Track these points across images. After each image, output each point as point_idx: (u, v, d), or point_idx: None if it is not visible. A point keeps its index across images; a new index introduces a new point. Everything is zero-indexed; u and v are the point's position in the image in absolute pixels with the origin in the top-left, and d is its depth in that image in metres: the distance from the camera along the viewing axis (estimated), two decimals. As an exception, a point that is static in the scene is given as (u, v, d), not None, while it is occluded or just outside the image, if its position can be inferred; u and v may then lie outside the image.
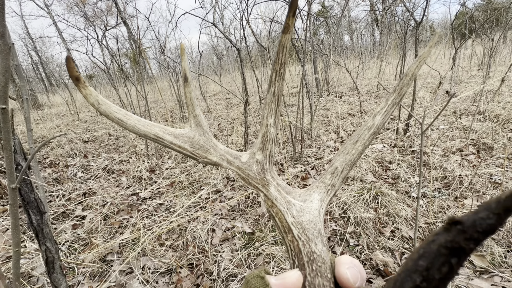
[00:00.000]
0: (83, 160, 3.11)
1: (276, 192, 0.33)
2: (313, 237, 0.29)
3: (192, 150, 0.36)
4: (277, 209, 0.32)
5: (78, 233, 1.76)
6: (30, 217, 0.74)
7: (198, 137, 0.37)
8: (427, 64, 3.89)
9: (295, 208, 0.32)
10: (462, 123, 3.02)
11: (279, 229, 0.31)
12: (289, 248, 0.29)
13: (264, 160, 0.35)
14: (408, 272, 0.14)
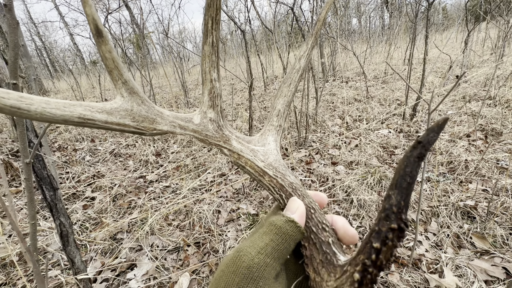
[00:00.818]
0: (90, 144, 3.16)
1: (239, 144, 0.34)
2: (284, 171, 0.34)
3: (135, 125, 0.30)
4: (245, 159, 0.33)
5: (89, 213, 1.82)
6: (44, 193, 0.77)
7: (137, 108, 0.31)
8: (438, 47, 3.76)
9: (260, 153, 0.34)
10: (471, 108, 2.96)
11: (252, 176, 0.33)
12: (270, 188, 0.32)
13: (217, 117, 0.35)
14: (402, 176, 0.21)
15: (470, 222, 1.45)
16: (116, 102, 0.30)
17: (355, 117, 3.27)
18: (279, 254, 0.25)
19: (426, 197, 1.66)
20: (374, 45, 8.38)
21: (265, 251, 0.24)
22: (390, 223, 0.20)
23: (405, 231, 0.20)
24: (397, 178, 0.21)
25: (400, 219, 0.20)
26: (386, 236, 0.21)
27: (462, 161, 1.94)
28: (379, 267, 0.21)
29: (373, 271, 0.21)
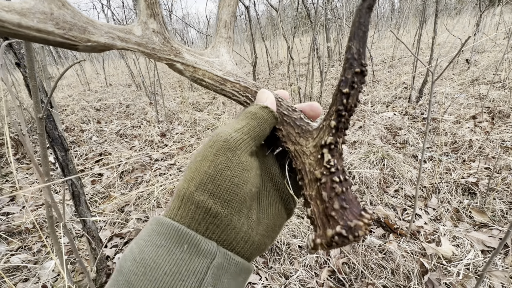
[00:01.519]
0: (96, 125, 3.21)
1: (192, 56, 0.32)
2: (245, 76, 0.33)
3: (62, 33, 0.24)
4: (202, 71, 0.32)
5: (97, 188, 1.89)
6: (56, 152, 0.80)
7: (58, 11, 0.24)
8: (448, 30, 3.65)
9: (216, 64, 0.33)
10: (480, 91, 2.90)
11: (213, 87, 0.32)
12: (234, 93, 0.32)
13: (161, 28, 0.31)
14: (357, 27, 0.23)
15: (470, 198, 1.46)
16: (26, 2, 0.22)
17: (361, 100, 3.24)
18: (255, 135, 0.26)
19: (428, 174, 1.67)
20: (383, 29, 8.15)
21: (242, 130, 0.26)
22: (354, 68, 0.23)
23: (366, 74, 0.24)
24: (354, 30, 0.23)
25: (361, 64, 0.23)
26: (353, 81, 0.24)
27: (466, 141, 1.93)
28: (349, 110, 0.25)
29: (345, 114, 0.25)
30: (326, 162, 0.25)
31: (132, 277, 0.19)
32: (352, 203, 0.24)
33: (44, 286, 1.15)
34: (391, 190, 1.60)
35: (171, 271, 0.19)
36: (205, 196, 0.22)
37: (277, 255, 1.25)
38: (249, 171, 0.25)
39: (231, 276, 0.22)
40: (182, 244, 0.21)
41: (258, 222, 0.26)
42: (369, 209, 0.26)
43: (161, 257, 0.20)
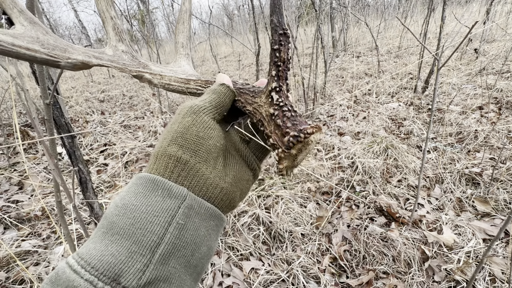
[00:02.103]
0: (100, 116, 3.23)
1: (158, 68, 0.38)
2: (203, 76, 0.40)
3: (47, 52, 0.29)
4: (169, 77, 0.37)
5: (103, 178, 1.92)
6: (62, 139, 0.82)
7: (43, 37, 0.30)
8: (456, 18, 3.55)
9: (179, 71, 0.39)
10: (487, 81, 2.85)
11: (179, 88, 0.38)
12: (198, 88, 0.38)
13: (128, 49, 0.38)
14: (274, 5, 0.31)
15: (473, 188, 1.46)
16: (18, 30, 0.29)
17: (365, 91, 3.20)
18: (215, 104, 0.31)
19: (431, 165, 1.67)
20: (389, 19, 7.95)
21: (204, 101, 0.31)
22: (278, 31, 0.31)
23: (288, 35, 0.32)
24: (272, 8, 0.32)
25: (282, 28, 0.31)
26: (280, 40, 0.31)
27: (472, 131, 1.91)
28: (283, 62, 0.32)
29: (281, 65, 0.32)
30: (275, 101, 0.31)
31: (114, 218, 0.23)
32: (301, 121, 0.30)
33: (54, 270, 1.19)
34: (394, 180, 1.60)
35: (147, 210, 0.23)
36: (176, 148, 0.27)
37: (280, 242, 1.27)
38: (212, 130, 0.29)
39: (202, 218, 0.25)
40: (156, 190, 0.24)
41: (225, 174, 0.30)
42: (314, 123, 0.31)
43: (139, 200, 0.23)
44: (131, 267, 0.20)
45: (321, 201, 1.49)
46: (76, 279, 0.19)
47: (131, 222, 0.22)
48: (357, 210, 1.39)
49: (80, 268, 0.20)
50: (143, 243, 0.21)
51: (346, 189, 1.55)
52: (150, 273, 0.21)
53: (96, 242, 0.22)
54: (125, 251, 0.21)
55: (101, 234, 0.22)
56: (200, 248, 0.25)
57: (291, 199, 1.48)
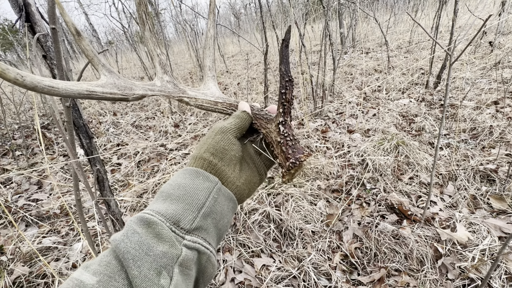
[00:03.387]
0: (113, 117, 3.32)
1: (193, 92, 0.49)
2: (228, 97, 0.51)
3: (121, 92, 0.41)
4: (201, 99, 0.48)
5: (117, 177, 1.98)
6: (81, 140, 0.85)
7: (118, 81, 0.42)
8: (470, 11, 3.44)
9: (209, 94, 0.50)
10: (503, 74, 2.76)
11: (210, 108, 0.49)
12: (224, 109, 0.49)
13: (171, 79, 0.48)
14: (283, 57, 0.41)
15: (489, 185, 1.43)
16: (102, 80, 0.42)
17: (375, 88, 3.16)
18: (238, 127, 0.44)
19: (444, 161, 1.64)
20: (399, 13, 7.77)
21: (230, 124, 0.43)
22: (285, 78, 0.42)
23: (293, 82, 0.42)
24: (281, 58, 0.42)
25: (288, 76, 0.42)
26: (286, 85, 0.42)
27: (486, 127, 1.86)
28: (288, 101, 0.43)
29: (286, 104, 0.43)
30: (281, 132, 0.43)
31: (171, 190, 0.35)
32: (298, 149, 0.42)
33: (74, 265, 1.24)
34: (405, 177, 1.59)
35: (193, 187, 0.36)
36: (209, 155, 0.40)
37: (290, 239, 1.28)
38: (234, 145, 0.42)
39: (225, 198, 0.39)
40: (198, 176, 0.38)
41: (240, 176, 0.43)
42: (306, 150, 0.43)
43: (187, 181, 0.37)
44: (186, 217, 0.33)
45: (331, 199, 1.49)
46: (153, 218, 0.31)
47: (183, 193, 0.35)
48: (367, 208, 1.38)
49: (155, 214, 0.32)
50: (193, 204, 0.34)
51: (356, 187, 1.54)
52: (197, 223, 0.34)
53: (159, 204, 0.34)
54: (181, 208, 0.33)
55: (162, 200, 0.35)
56: (223, 218, 0.38)
57: (301, 196, 1.48)
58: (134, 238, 0.29)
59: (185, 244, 0.32)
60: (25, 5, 0.70)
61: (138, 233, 0.30)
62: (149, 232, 0.30)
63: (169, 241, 0.30)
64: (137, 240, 0.29)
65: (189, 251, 0.32)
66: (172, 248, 0.30)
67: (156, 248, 0.29)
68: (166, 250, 0.30)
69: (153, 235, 0.30)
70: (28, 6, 0.70)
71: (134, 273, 0.27)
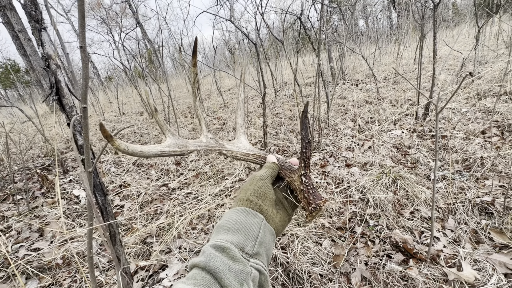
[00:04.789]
0: (114, 156, 3.36)
1: (229, 145, 0.62)
2: (257, 150, 0.65)
3: (180, 150, 0.57)
4: (236, 152, 0.62)
5: (120, 220, 1.97)
6: (96, 198, 0.89)
7: (178, 141, 0.58)
8: (448, 45, 3.75)
9: (242, 146, 0.64)
10: (486, 105, 2.93)
11: (242, 158, 0.62)
12: (254, 160, 0.62)
13: (214, 136, 0.63)
14: (303, 124, 0.56)
15: (487, 218, 1.47)
16: (168, 141, 0.57)
17: (367, 119, 3.30)
18: (271, 175, 0.56)
19: (442, 195, 1.69)
20: (383, 46, 8.35)
21: (266, 173, 0.56)
22: (305, 141, 0.55)
23: (311, 143, 0.59)
24: (301, 125, 0.56)
25: (308, 139, 0.55)
26: (306, 146, 0.55)
27: (477, 158, 1.95)
28: (308, 158, 0.55)
29: (306, 160, 0.55)
30: (303, 182, 0.55)
31: (230, 225, 0.46)
32: (317, 196, 0.54)
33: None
34: (406, 212, 1.62)
35: (247, 222, 0.47)
36: (254, 197, 0.51)
37: (299, 284, 1.27)
38: (270, 189, 0.54)
39: (269, 232, 0.49)
40: (248, 214, 0.49)
41: (276, 215, 0.53)
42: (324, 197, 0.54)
43: (240, 217, 0.48)
44: (248, 244, 0.43)
45: (336, 237, 1.50)
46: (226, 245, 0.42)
47: (241, 226, 0.46)
48: (373, 247, 1.39)
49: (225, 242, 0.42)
50: (250, 235, 0.45)
51: (360, 224, 1.56)
52: (255, 249, 0.44)
53: (224, 235, 0.45)
54: (242, 238, 0.44)
55: (224, 232, 0.45)
56: (270, 248, 0.49)
57: (306, 237, 1.49)
58: (217, 259, 0.39)
59: (251, 265, 0.42)
60: (56, 82, 0.78)
61: (218, 256, 0.39)
62: (225, 255, 0.40)
63: (241, 262, 0.40)
64: (220, 260, 0.39)
65: (255, 270, 0.41)
66: (245, 267, 0.40)
67: (234, 266, 0.39)
68: (242, 268, 0.39)
69: (229, 257, 0.40)
70: (58, 83, 0.78)
71: (226, 283, 0.36)
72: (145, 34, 13.27)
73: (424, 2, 2.62)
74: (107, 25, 7.43)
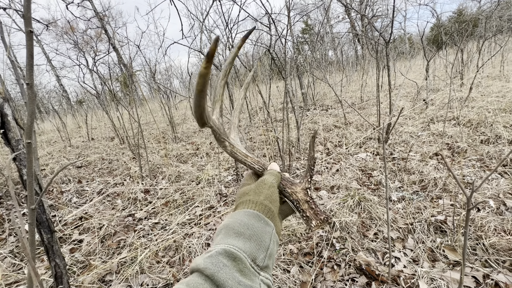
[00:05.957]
0: (77, 185, 3.15)
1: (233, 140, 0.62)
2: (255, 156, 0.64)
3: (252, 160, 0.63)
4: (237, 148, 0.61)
5: (76, 257, 1.80)
6: (42, 236, 0.83)
7: None
8: (403, 75, 4.18)
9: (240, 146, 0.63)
10: (438, 129, 3.24)
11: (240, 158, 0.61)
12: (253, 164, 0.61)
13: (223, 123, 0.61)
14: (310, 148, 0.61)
15: (442, 236, 1.57)
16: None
17: (336, 143, 3.47)
18: (277, 181, 0.57)
19: (401, 215, 1.78)
20: (350, 74, 9.06)
21: (273, 180, 0.55)
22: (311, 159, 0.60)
23: (315, 161, 0.65)
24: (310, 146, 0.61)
25: (314, 157, 0.60)
26: (312, 162, 0.60)
27: (431, 179, 2.11)
28: (312, 174, 0.60)
29: (312, 175, 0.60)
30: (309, 195, 0.57)
31: (240, 229, 0.43)
32: (320, 209, 0.56)
33: None
34: (370, 233, 1.68)
35: (259, 228, 0.44)
36: (268, 202, 0.50)
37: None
38: (278, 195, 0.54)
39: (276, 243, 0.47)
40: (260, 220, 0.46)
41: (280, 225, 0.53)
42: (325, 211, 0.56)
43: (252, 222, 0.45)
44: (259, 255, 0.40)
45: (304, 263, 1.50)
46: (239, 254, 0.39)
47: (253, 233, 0.43)
48: (338, 271, 1.41)
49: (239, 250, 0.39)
50: (262, 245, 0.42)
51: (326, 248, 1.58)
52: (266, 261, 0.41)
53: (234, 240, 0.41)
54: (254, 247, 0.41)
55: (235, 236, 0.42)
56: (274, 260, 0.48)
57: (274, 264, 1.48)
58: (226, 270, 0.36)
59: (261, 279, 0.40)
60: (2, 116, 0.76)
61: (227, 266, 0.37)
62: (234, 266, 0.37)
63: (251, 276, 0.38)
64: (229, 272, 0.36)
65: (264, 285, 0.40)
66: (253, 283, 0.38)
67: (243, 281, 0.37)
68: (250, 284, 0.37)
69: (238, 269, 0.38)
70: (4, 117, 0.76)
71: None
72: (120, 59, 13.21)
73: (377, 39, 2.95)
74: (80, 50, 7.32)
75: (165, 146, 4.32)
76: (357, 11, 3.09)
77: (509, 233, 1.46)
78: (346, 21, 16.01)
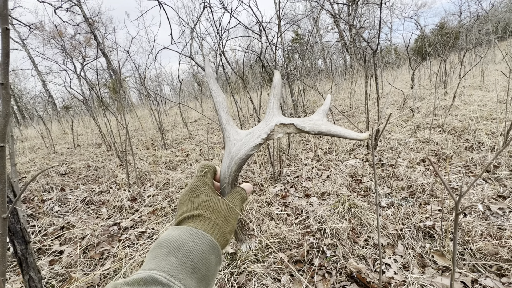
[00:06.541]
0: (60, 193, 3.02)
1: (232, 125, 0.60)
2: None
3: None
4: None
5: (56, 269, 1.71)
6: (15, 247, 0.77)
7: None
8: (391, 84, 4.30)
9: None
10: (424, 136, 3.32)
11: None
12: None
13: None
14: None
15: (431, 241, 1.58)
16: None
17: (326, 150, 3.50)
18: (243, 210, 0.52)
19: (391, 221, 1.79)
20: (339, 83, 9.26)
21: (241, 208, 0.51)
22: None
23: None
24: None
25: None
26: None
27: (419, 185, 2.14)
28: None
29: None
30: None
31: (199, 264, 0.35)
32: (249, 229, 0.55)
33: None
34: (361, 240, 1.67)
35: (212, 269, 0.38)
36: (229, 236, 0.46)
37: (256, 328, 1.19)
38: None
39: None
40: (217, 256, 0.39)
41: None
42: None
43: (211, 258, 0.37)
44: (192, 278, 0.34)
45: (295, 272, 1.47)
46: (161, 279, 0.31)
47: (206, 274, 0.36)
48: (329, 279, 1.39)
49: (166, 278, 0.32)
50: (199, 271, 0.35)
51: (317, 255, 1.56)
52: None
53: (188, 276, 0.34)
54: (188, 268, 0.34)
55: (190, 270, 0.34)
56: None
57: (265, 273, 1.44)
58: None
59: None
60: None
61: None
62: None
63: None
64: None
65: None
66: None
67: None
68: None
69: None
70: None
71: None
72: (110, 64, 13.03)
73: (365, 49, 3.03)
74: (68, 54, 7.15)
75: (154, 153, 4.23)
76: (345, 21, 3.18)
77: (495, 238, 1.49)
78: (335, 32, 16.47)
